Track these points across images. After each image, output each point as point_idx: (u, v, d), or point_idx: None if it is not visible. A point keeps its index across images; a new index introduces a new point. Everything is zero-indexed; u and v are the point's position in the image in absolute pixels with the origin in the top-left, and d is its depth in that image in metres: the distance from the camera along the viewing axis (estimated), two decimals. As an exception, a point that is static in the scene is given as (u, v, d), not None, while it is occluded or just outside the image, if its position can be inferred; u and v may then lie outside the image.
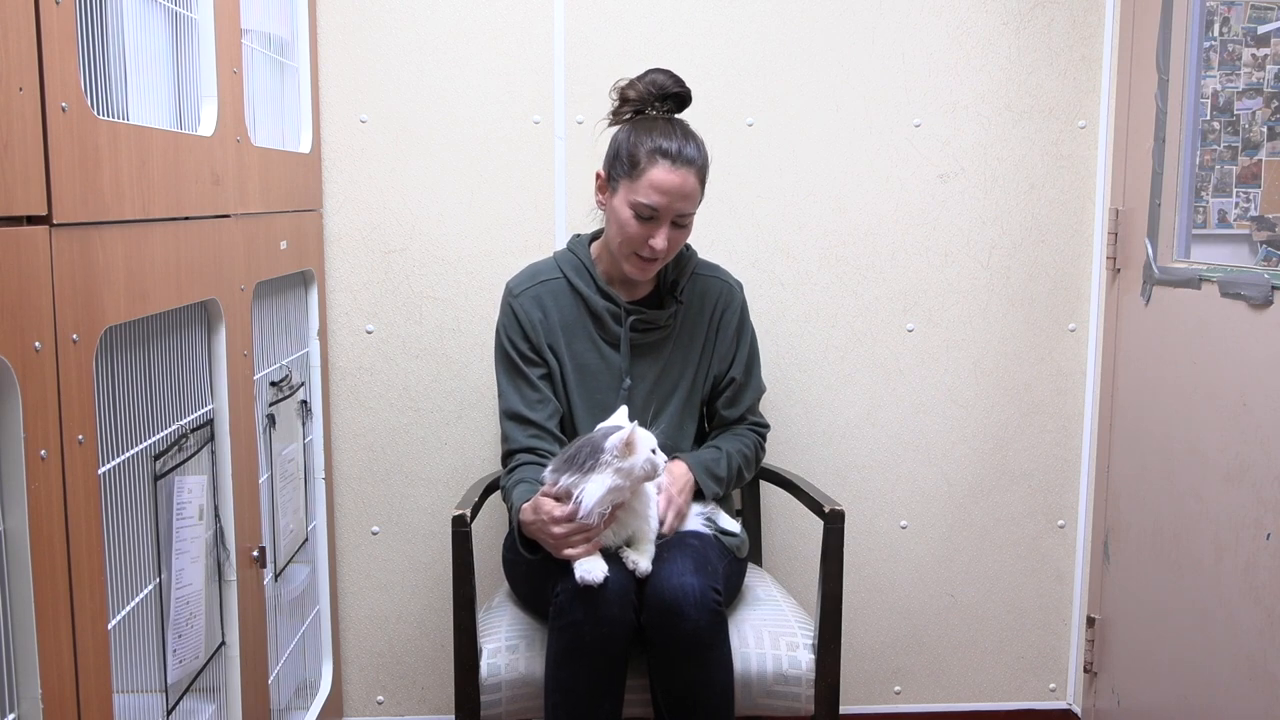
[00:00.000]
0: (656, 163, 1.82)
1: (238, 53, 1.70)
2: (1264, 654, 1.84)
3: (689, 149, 1.85)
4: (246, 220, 1.73)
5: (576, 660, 1.70)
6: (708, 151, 1.90)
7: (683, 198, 1.84)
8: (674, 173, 1.82)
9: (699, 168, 1.86)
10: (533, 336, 1.94)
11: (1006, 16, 2.37)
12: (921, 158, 2.40)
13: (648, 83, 1.91)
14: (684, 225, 1.89)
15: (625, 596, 1.70)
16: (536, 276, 1.99)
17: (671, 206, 1.84)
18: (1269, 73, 2.83)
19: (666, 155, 1.82)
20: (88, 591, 1.17)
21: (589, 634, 1.69)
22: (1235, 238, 2.91)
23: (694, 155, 1.85)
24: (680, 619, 1.68)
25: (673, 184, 1.82)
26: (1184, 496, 2.09)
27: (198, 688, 1.60)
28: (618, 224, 1.88)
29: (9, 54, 1.02)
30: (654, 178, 1.82)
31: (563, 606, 1.70)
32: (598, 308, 1.95)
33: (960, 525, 2.51)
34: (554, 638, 1.72)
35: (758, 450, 2.08)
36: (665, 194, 1.82)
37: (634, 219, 1.85)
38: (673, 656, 1.71)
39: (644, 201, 1.83)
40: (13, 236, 1.03)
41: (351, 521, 2.41)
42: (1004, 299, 2.45)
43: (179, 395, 1.54)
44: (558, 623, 1.71)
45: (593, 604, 1.68)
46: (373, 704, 2.46)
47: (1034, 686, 2.57)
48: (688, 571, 1.70)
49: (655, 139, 1.84)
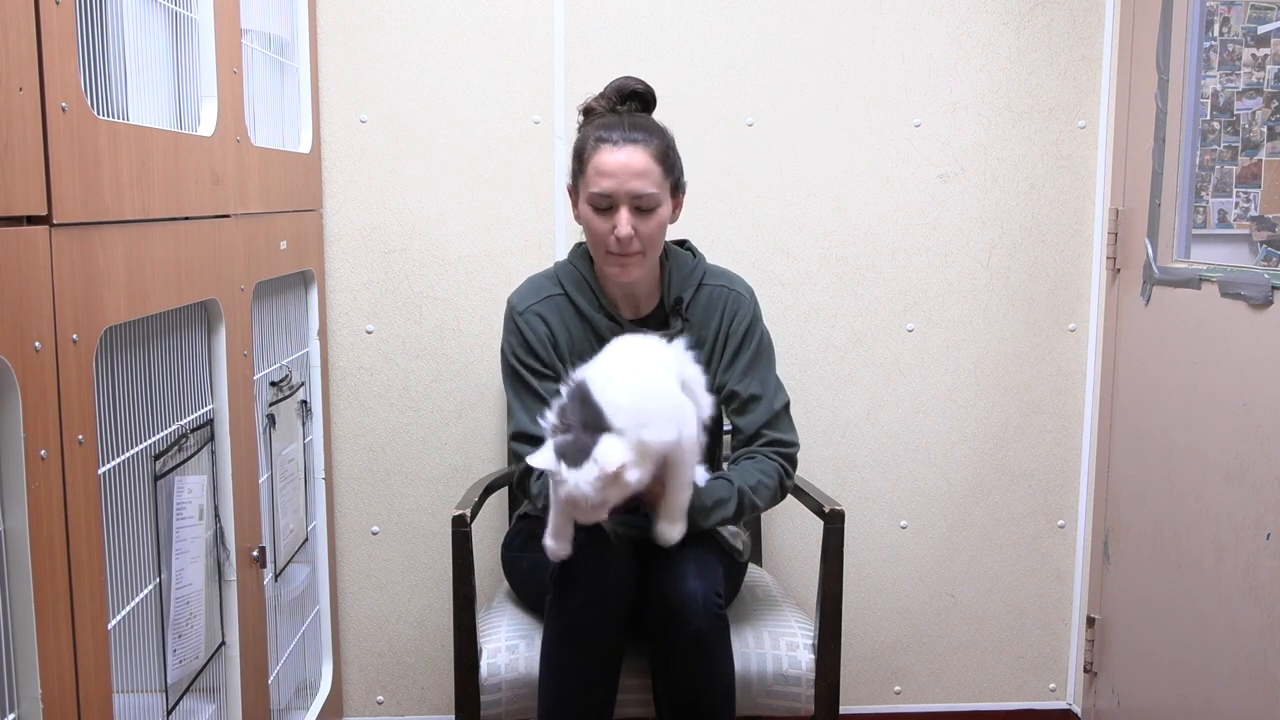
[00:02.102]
0: (599, 148, 1.78)
1: (238, 53, 1.70)
2: (1264, 654, 1.84)
3: (634, 131, 1.78)
4: (246, 220, 1.73)
5: (571, 646, 1.70)
6: (670, 136, 1.83)
7: (633, 176, 1.76)
8: (617, 151, 1.76)
9: (647, 144, 1.78)
10: (542, 352, 1.88)
11: (1006, 16, 2.37)
12: (921, 158, 2.40)
13: (611, 89, 1.88)
14: (649, 210, 1.78)
15: (623, 585, 1.70)
16: (540, 292, 1.91)
17: (623, 188, 1.76)
18: (1269, 73, 2.83)
19: (607, 139, 1.78)
20: (88, 591, 1.17)
21: (585, 620, 1.68)
22: (1235, 238, 2.91)
23: (640, 135, 1.78)
24: (683, 623, 1.68)
25: (617, 163, 1.76)
26: (1184, 496, 2.09)
27: (198, 688, 1.60)
28: (585, 227, 1.84)
29: (9, 54, 1.02)
30: (598, 163, 1.77)
31: (560, 591, 1.70)
32: (601, 327, 1.88)
33: (960, 525, 2.51)
34: (550, 623, 1.72)
35: (781, 479, 1.87)
36: (612, 175, 1.76)
37: (594, 215, 1.80)
38: (675, 659, 1.71)
39: (595, 191, 1.77)
40: (13, 236, 1.03)
41: (351, 521, 2.41)
42: (1004, 299, 2.45)
43: (179, 395, 1.54)
44: (554, 608, 1.71)
45: (590, 590, 1.67)
46: (373, 704, 2.47)
47: (1034, 686, 2.57)
48: (690, 576, 1.70)
49: (597, 129, 1.80)
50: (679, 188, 1.87)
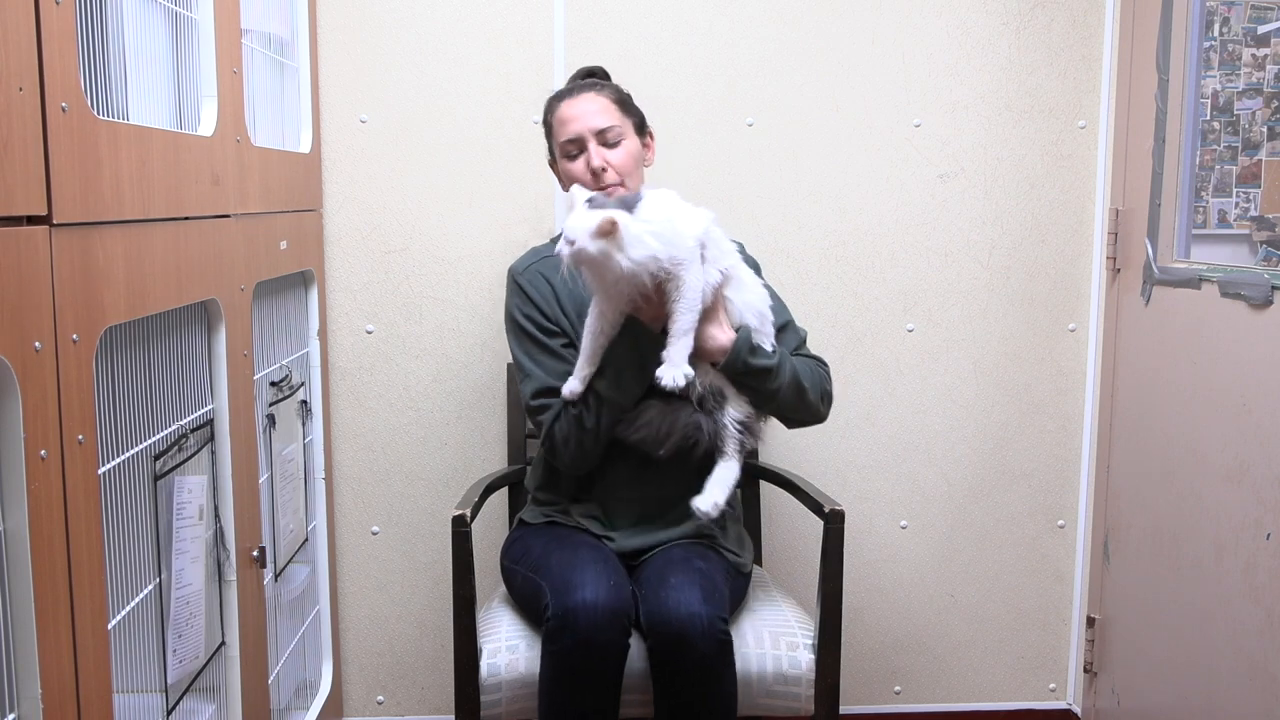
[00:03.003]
0: (558, 106, 1.95)
1: (238, 53, 1.70)
2: (1264, 654, 1.84)
3: (586, 80, 1.98)
4: (246, 220, 1.73)
5: (569, 685, 1.69)
6: (625, 90, 1.99)
7: (593, 114, 1.91)
8: (574, 101, 1.94)
9: (600, 89, 1.95)
10: (546, 308, 1.92)
11: (1006, 16, 2.37)
12: (921, 158, 2.40)
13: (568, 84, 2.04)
14: (615, 143, 1.92)
15: (619, 619, 1.68)
16: (537, 254, 2.01)
17: (586, 126, 1.91)
18: (1269, 73, 2.83)
19: (564, 95, 1.96)
20: (88, 591, 1.17)
21: (580, 661, 1.67)
22: (1235, 238, 2.92)
23: (591, 83, 1.97)
24: (687, 648, 1.67)
25: (575, 110, 1.92)
26: (1184, 496, 2.09)
27: (198, 688, 1.60)
28: (567, 181, 1.95)
29: (9, 54, 1.02)
30: (560, 116, 1.94)
31: (553, 632, 1.68)
32: None
33: (960, 525, 2.51)
34: (546, 662, 1.71)
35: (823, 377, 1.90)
36: (573, 120, 1.92)
37: (570, 164, 1.94)
38: (678, 682, 1.71)
39: (564, 140, 1.93)
40: (13, 236, 1.03)
41: (351, 521, 2.41)
42: (1004, 299, 2.45)
43: (179, 395, 1.54)
44: (549, 647, 1.69)
45: (584, 629, 1.65)
46: (373, 704, 2.47)
47: (1034, 686, 2.58)
48: (696, 601, 1.69)
49: (556, 91, 2.00)
50: (643, 128, 2.00)
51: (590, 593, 1.67)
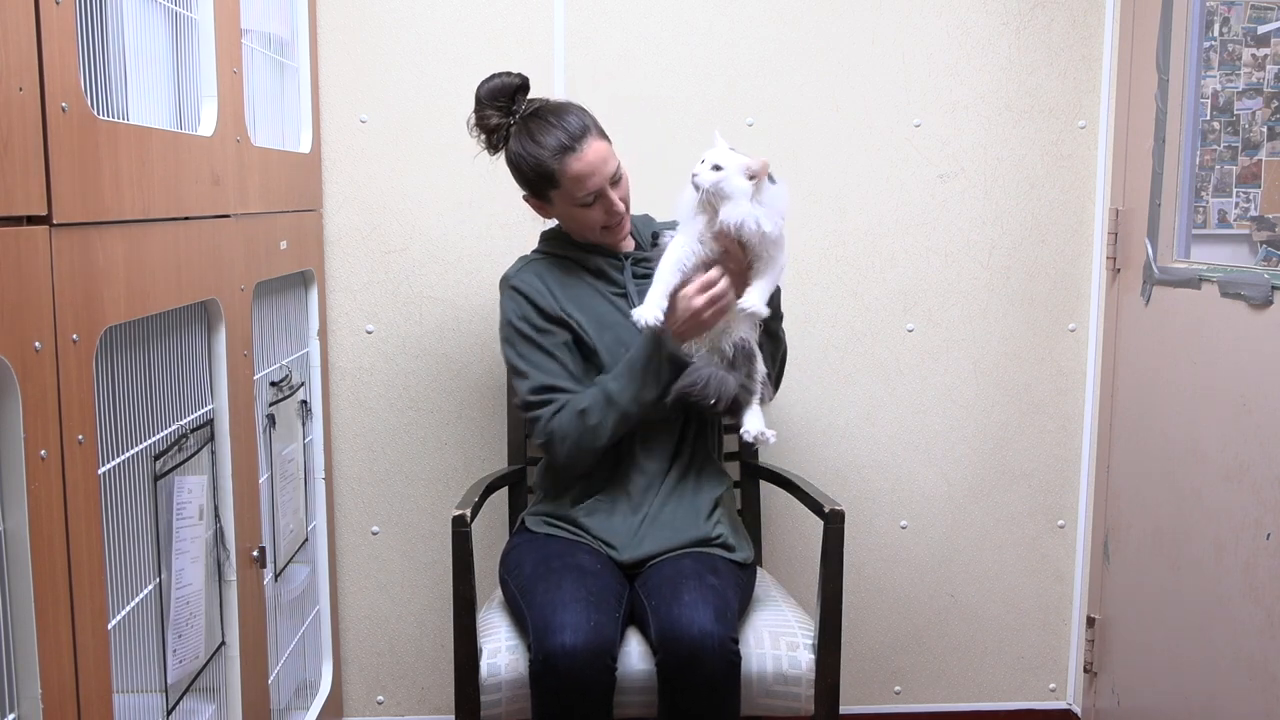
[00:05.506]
0: (564, 160, 1.87)
1: (238, 53, 1.70)
2: (1264, 654, 1.84)
3: (573, 123, 1.89)
4: (246, 220, 1.73)
5: (561, 718, 1.70)
6: (580, 105, 1.94)
7: (603, 164, 1.89)
8: (583, 154, 1.87)
9: (592, 131, 1.90)
10: (543, 303, 1.94)
11: (1006, 16, 2.37)
12: (921, 158, 2.40)
13: (489, 98, 1.93)
14: (620, 178, 1.94)
15: (599, 659, 1.68)
16: (526, 259, 2.04)
17: (603, 179, 1.89)
18: (1269, 73, 2.83)
19: (567, 148, 1.87)
20: (88, 591, 1.17)
21: (566, 700, 1.68)
22: (1235, 238, 2.92)
23: (580, 125, 1.89)
24: (698, 666, 1.68)
25: (589, 164, 1.88)
26: (1184, 496, 2.09)
27: (198, 688, 1.60)
28: (576, 223, 1.97)
29: (9, 54, 1.02)
30: (573, 172, 1.87)
31: (537, 675, 1.69)
32: (595, 264, 2.00)
33: (960, 525, 2.51)
34: (534, 696, 1.71)
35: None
36: (589, 175, 1.88)
37: (582, 210, 1.93)
38: (684, 698, 1.71)
39: (582, 195, 1.90)
40: (13, 236, 1.03)
41: (351, 521, 2.41)
42: (1004, 299, 2.45)
43: (179, 395, 1.54)
44: (536, 687, 1.70)
45: (564, 674, 1.66)
46: (373, 704, 2.47)
47: (1034, 686, 2.58)
48: (708, 620, 1.69)
49: (546, 142, 1.88)
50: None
51: (570, 637, 1.66)
